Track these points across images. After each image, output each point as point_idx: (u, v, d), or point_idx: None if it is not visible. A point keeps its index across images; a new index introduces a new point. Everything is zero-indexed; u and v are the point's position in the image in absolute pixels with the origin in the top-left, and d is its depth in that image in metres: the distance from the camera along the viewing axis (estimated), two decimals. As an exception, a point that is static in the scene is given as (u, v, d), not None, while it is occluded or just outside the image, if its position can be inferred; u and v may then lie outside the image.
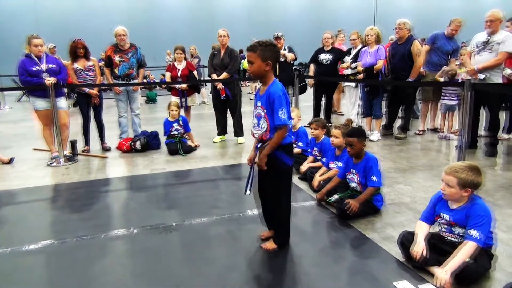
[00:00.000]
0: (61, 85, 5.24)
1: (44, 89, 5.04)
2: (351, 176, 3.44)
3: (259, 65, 2.48)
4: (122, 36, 5.81)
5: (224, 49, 6.01)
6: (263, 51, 2.47)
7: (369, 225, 3.12)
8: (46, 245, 2.94)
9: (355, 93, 6.75)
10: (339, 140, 3.78)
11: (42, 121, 5.30)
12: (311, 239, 2.95)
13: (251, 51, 2.49)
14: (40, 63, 5.11)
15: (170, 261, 2.67)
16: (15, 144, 6.42)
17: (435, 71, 6.14)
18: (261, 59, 2.47)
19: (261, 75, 2.54)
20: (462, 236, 2.36)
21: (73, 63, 5.62)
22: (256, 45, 2.49)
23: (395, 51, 5.97)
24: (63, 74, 5.30)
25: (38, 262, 2.73)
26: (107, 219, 3.40)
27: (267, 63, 2.49)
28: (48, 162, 5.25)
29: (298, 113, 4.95)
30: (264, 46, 2.48)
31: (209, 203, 3.68)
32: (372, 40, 5.94)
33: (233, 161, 5.18)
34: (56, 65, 5.24)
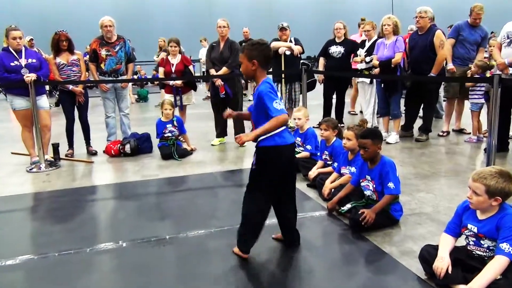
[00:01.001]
0: (42, 82, 5.26)
1: (23, 86, 5.06)
2: (366, 183, 3.43)
3: (246, 65, 2.68)
4: (109, 27, 5.84)
5: (224, 41, 6.03)
6: (249, 50, 2.66)
7: (386, 238, 3.10)
8: (25, 260, 2.94)
9: (370, 90, 6.75)
10: (352, 142, 3.77)
11: (21, 122, 5.32)
12: (321, 253, 2.94)
13: (240, 52, 2.72)
14: (19, 57, 5.14)
15: (163, 278, 2.66)
16: (-10, 147, 6.46)
17: (463, 66, 6.13)
18: (247, 58, 2.65)
19: (250, 75, 2.71)
20: (492, 250, 2.34)
21: (55, 58, 5.64)
22: (244, 46, 2.72)
23: (415, 43, 5.97)
24: (45, 70, 5.33)
25: (17, 280, 2.73)
26: (93, 232, 3.40)
27: (253, 62, 2.65)
28: (27, 168, 5.27)
29: (306, 112, 4.95)
30: (251, 45, 2.68)
31: (206, 214, 3.68)
32: (390, 31, 5.95)
33: (233, 166, 5.18)
34: (36, 60, 5.27)
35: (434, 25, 5.95)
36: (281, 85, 6.91)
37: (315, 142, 4.80)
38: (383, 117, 6.43)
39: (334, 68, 6.92)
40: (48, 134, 5.45)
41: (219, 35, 6.05)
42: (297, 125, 4.97)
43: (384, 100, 6.23)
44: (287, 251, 2.97)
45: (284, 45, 6.75)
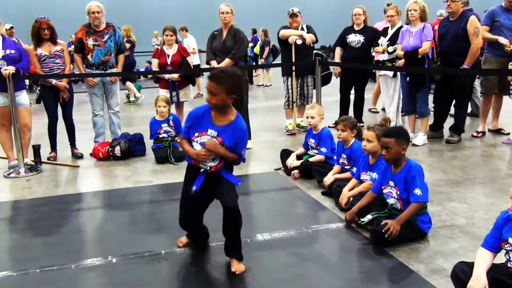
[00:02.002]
0: (21, 75, 5.30)
1: (0, 80, 5.10)
2: (389, 189, 3.42)
3: (223, 99, 2.79)
4: (96, 14, 5.88)
5: (227, 30, 6.04)
6: (232, 84, 2.78)
7: (413, 253, 3.09)
8: (3, 277, 2.95)
9: (393, 85, 6.72)
10: (373, 144, 3.77)
11: (-2, 121, 5.37)
12: (338, 270, 2.94)
13: (215, 82, 2.76)
14: (-5, 48, 5.18)
15: (158, 298, 2.68)
16: (-37, 150, 6.51)
17: (502, 57, 6.08)
18: (226, 93, 2.77)
19: (219, 107, 2.87)
20: (535, 268, 2.32)
21: (36, 48, 5.68)
22: (221, 77, 2.78)
23: (446, 30, 5.94)
24: (24, 62, 5.37)
25: (-8, 299, 2.76)
26: (79, 246, 3.42)
27: (231, 97, 2.81)
28: (5, 173, 5.31)
29: (321, 110, 4.95)
30: (238, 79, 2.82)
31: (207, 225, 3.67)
32: (416, 17, 5.92)
33: (238, 171, 5.13)
34: (15, 51, 5.31)
35: (470, 10, 5.91)
36: (291, 79, 6.90)
37: (331, 144, 4.79)
38: (408, 116, 6.40)
39: (352, 59, 6.91)
40: (28, 134, 5.49)
41: (222, 22, 6.06)
42: (310, 124, 4.96)
43: (409, 96, 6.20)
44: (299, 267, 2.97)
45: (295, 34, 6.75)
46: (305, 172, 4.76)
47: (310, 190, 4.45)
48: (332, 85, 7.37)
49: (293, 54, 6.81)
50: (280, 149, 5.34)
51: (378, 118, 7.54)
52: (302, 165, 4.80)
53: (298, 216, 3.90)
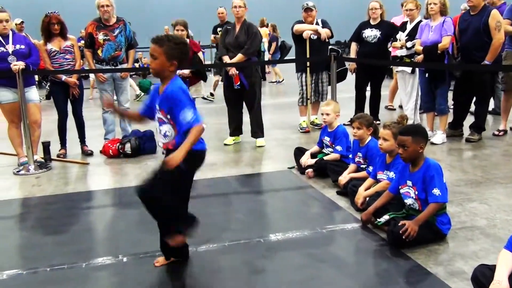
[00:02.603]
0: (31, 71, 5.36)
1: (10, 76, 5.16)
2: (406, 189, 3.40)
3: (163, 63, 2.73)
4: (106, 8, 5.92)
5: (240, 24, 6.04)
6: (172, 48, 2.72)
7: (432, 255, 3.07)
8: (13, 276, 2.99)
9: (411, 81, 6.68)
10: (390, 143, 3.75)
11: (7, 118, 5.43)
12: (353, 272, 2.93)
13: (156, 44, 2.72)
14: (5, 43, 5.24)
15: (169, 299, 2.70)
16: (-27, 146, 6.60)
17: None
18: (166, 57, 2.72)
19: (163, 75, 2.80)
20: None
21: (46, 43, 5.74)
22: (164, 39, 2.74)
23: (467, 25, 5.88)
24: (34, 58, 5.43)
25: (3, 298, 2.80)
26: (89, 244, 3.45)
27: (172, 63, 2.74)
28: (14, 170, 5.38)
29: (336, 107, 4.93)
30: (174, 44, 2.74)
31: (219, 225, 3.70)
32: (436, 10, 5.88)
33: (250, 169, 5.20)
34: (25, 46, 5.37)
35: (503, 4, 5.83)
36: (305, 75, 6.89)
37: (347, 142, 4.78)
38: (427, 113, 6.36)
39: (368, 55, 6.88)
40: (37, 131, 5.55)
41: (235, 16, 6.07)
42: (325, 121, 4.95)
43: (428, 92, 6.16)
44: (313, 268, 2.97)
45: (309, 28, 6.73)
46: (319, 171, 4.75)
47: (325, 189, 4.44)
48: (347, 81, 7.35)
49: (308, 50, 6.80)
50: (294, 147, 5.34)
51: (395, 115, 7.50)
52: (317, 164, 4.79)
53: (312, 216, 3.90)
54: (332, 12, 16.79)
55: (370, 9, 6.96)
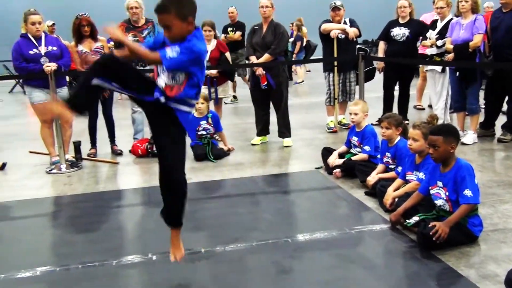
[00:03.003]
0: (63, 72, 5.47)
1: (42, 77, 5.28)
2: (437, 190, 3.35)
3: (181, 26, 2.49)
4: (135, 9, 5.99)
5: (267, 24, 6.05)
6: (181, 7, 2.48)
7: (463, 258, 3.03)
8: (45, 272, 3.07)
9: (441, 80, 6.57)
10: (419, 143, 3.70)
11: (40, 118, 5.55)
12: (382, 274, 2.91)
13: (164, 12, 2.48)
14: (38, 45, 5.36)
15: (198, 297, 2.73)
16: (7, 145, 6.79)
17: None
18: (181, 18, 2.48)
19: (184, 36, 2.52)
20: None
21: (77, 45, 5.86)
22: (166, 4, 2.47)
23: (499, 22, 5.75)
24: (66, 59, 5.54)
25: (36, 294, 2.87)
26: (119, 242, 3.51)
27: (189, 21, 2.51)
28: (47, 169, 5.50)
29: (365, 106, 4.89)
30: (178, 1, 2.49)
31: (247, 224, 3.72)
32: (467, 8, 5.77)
33: (277, 169, 5.20)
34: (57, 47, 5.49)
35: None
36: (333, 75, 6.85)
37: (375, 142, 4.74)
38: (457, 113, 6.24)
39: (397, 54, 6.79)
40: (69, 131, 5.67)
41: (262, 16, 6.07)
42: (353, 121, 4.92)
43: (459, 92, 6.06)
44: (341, 269, 2.97)
45: (337, 28, 6.69)
46: (347, 171, 4.71)
47: (353, 189, 4.41)
48: (375, 81, 7.28)
49: (335, 49, 6.75)
50: (321, 147, 5.32)
51: (424, 115, 7.38)
52: (344, 164, 4.76)
53: (340, 216, 3.89)
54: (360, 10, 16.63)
55: (399, 7, 6.87)
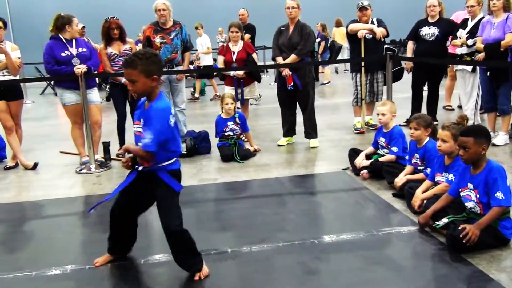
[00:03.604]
0: (92, 74, 5.58)
1: (74, 79, 5.39)
2: (467, 192, 3.29)
3: (144, 82, 2.68)
4: (163, 12, 6.07)
5: (294, 25, 6.04)
6: (146, 65, 2.66)
7: (494, 261, 2.97)
8: (75, 270, 3.14)
9: (471, 80, 6.46)
10: (449, 145, 3.64)
11: (71, 118, 5.68)
12: (411, 276, 2.87)
13: (129, 68, 2.67)
14: (69, 46, 5.47)
15: (224, 297, 2.74)
16: (39, 146, 6.96)
17: None
18: (145, 75, 2.66)
19: (148, 92, 2.74)
20: None
21: (106, 47, 5.96)
22: (135, 60, 2.67)
23: (531, 21, 5.62)
24: (94, 59, 5.65)
25: (67, 291, 2.93)
26: (146, 241, 3.55)
27: (153, 78, 2.70)
28: (77, 169, 5.62)
29: (393, 107, 4.84)
30: (146, 59, 2.67)
31: (273, 225, 3.72)
32: (499, 7, 5.66)
33: (303, 170, 5.19)
34: (87, 49, 5.60)
35: None
36: (360, 75, 6.79)
37: (403, 143, 4.68)
38: (488, 113, 6.13)
39: (426, 54, 6.69)
40: (98, 131, 5.78)
41: (288, 17, 6.06)
42: (380, 122, 4.87)
43: (490, 92, 5.94)
44: (368, 271, 2.94)
45: (364, 28, 6.64)
46: (374, 172, 4.67)
47: (380, 191, 4.36)
48: (403, 81, 7.18)
49: (362, 49, 6.70)
50: (348, 148, 5.29)
51: (453, 116, 7.26)
52: (372, 165, 4.72)
53: (368, 217, 3.85)
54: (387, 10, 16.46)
55: (428, 6, 6.77)
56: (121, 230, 3.12)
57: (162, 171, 2.82)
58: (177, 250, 2.91)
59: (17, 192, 4.93)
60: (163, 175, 2.82)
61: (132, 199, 3.00)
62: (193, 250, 2.93)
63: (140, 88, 2.70)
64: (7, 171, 5.68)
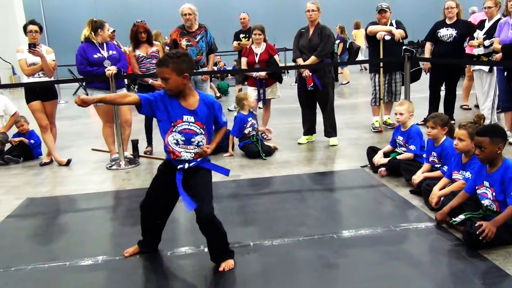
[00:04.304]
0: (122, 75, 5.65)
1: (104, 80, 5.47)
2: (483, 190, 3.24)
3: (176, 80, 2.76)
4: (188, 16, 6.11)
5: (314, 27, 6.02)
6: (177, 63, 2.74)
7: (510, 257, 2.92)
8: (106, 260, 3.20)
9: (488, 80, 6.35)
10: (465, 143, 3.59)
11: (102, 118, 5.76)
12: (428, 271, 2.84)
13: (162, 66, 2.76)
14: (101, 49, 5.56)
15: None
16: (72, 143, 7.08)
17: None
18: (177, 73, 2.74)
19: (180, 90, 2.81)
20: None
21: (134, 50, 6.03)
22: (167, 59, 2.75)
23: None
24: (123, 61, 5.73)
25: (97, 280, 2.99)
26: (173, 234, 3.59)
27: (184, 76, 2.77)
28: (107, 165, 5.71)
29: (410, 107, 4.79)
30: (177, 58, 2.75)
31: (294, 220, 3.72)
32: (516, 8, 5.53)
33: (323, 167, 5.17)
34: (116, 52, 5.69)
35: None
36: (379, 76, 6.73)
37: (420, 142, 4.63)
38: (505, 113, 6.00)
39: (444, 55, 6.60)
40: (128, 130, 5.86)
41: (308, 20, 6.05)
42: (398, 121, 4.83)
43: (507, 92, 5.81)
44: (386, 266, 2.92)
45: (383, 29, 6.57)
46: (392, 170, 4.63)
47: (398, 188, 4.32)
48: (421, 81, 7.09)
49: (381, 50, 6.64)
50: (366, 146, 5.25)
51: (470, 115, 7.14)
52: (390, 163, 4.68)
53: (385, 213, 3.82)
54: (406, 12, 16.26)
55: (446, 8, 6.67)
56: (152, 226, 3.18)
57: (206, 163, 2.99)
58: (211, 236, 2.93)
59: (52, 187, 5.03)
60: (208, 166, 3.00)
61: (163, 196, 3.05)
62: (224, 241, 2.97)
63: (173, 85, 2.77)
64: (42, 167, 5.80)
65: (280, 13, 19.75)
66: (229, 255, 3.00)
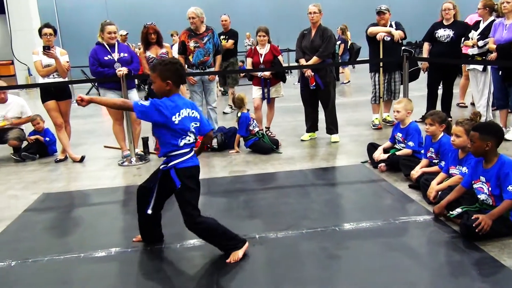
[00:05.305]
0: (132, 75, 5.67)
1: (115, 80, 5.49)
2: (480, 185, 3.24)
3: (160, 84, 2.89)
4: (192, 19, 6.11)
5: (316, 29, 6.00)
6: (162, 70, 2.87)
7: (506, 249, 2.91)
8: (119, 252, 3.21)
9: (482, 79, 6.31)
10: (462, 139, 3.58)
11: (113, 116, 5.78)
12: (426, 262, 2.85)
13: (151, 71, 2.95)
14: (112, 52, 5.57)
15: (252, 279, 2.76)
16: (85, 141, 7.11)
17: None
18: (161, 78, 2.86)
19: (164, 94, 2.92)
20: None
21: (145, 51, 6.03)
22: (156, 65, 2.93)
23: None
24: (135, 64, 5.73)
25: (110, 271, 3.01)
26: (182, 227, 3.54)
27: (167, 83, 2.87)
28: (119, 161, 5.72)
29: (408, 105, 4.77)
30: (164, 65, 2.89)
31: (297, 213, 3.72)
32: (510, 9, 5.50)
33: (325, 163, 5.17)
34: (128, 54, 5.69)
35: None
36: (378, 75, 6.72)
37: (419, 138, 4.61)
38: (500, 110, 5.98)
39: (441, 55, 6.56)
40: (138, 127, 5.87)
41: (310, 21, 6.03)
42: (396, 118, 4.82)
43: (502, 90, 5.79)
44: (387, 257, 2.92)
45: (382, 30, 6.55)
46: (391, 165, 4.63)
47: (397, 182, 4.32)
48: (419, 80, 7.07)
49: (381, 51, 6.61)
50: (367, 143, 5.24)
51: (466, 112, 7.12)
52: (389, 158, 4.67)
53: (385, 207, 3.81)
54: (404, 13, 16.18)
55: (443, 9, 6.64)
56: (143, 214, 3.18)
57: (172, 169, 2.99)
58: (203, 237, 3.05)
59: (67, 182, 5.06)
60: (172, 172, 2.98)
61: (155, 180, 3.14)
62: (221, 237, 2.98)
63: (156, 88, 2.92)
64: (57, 164, 5.83)
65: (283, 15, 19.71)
66: (235, 246, 3.00)
